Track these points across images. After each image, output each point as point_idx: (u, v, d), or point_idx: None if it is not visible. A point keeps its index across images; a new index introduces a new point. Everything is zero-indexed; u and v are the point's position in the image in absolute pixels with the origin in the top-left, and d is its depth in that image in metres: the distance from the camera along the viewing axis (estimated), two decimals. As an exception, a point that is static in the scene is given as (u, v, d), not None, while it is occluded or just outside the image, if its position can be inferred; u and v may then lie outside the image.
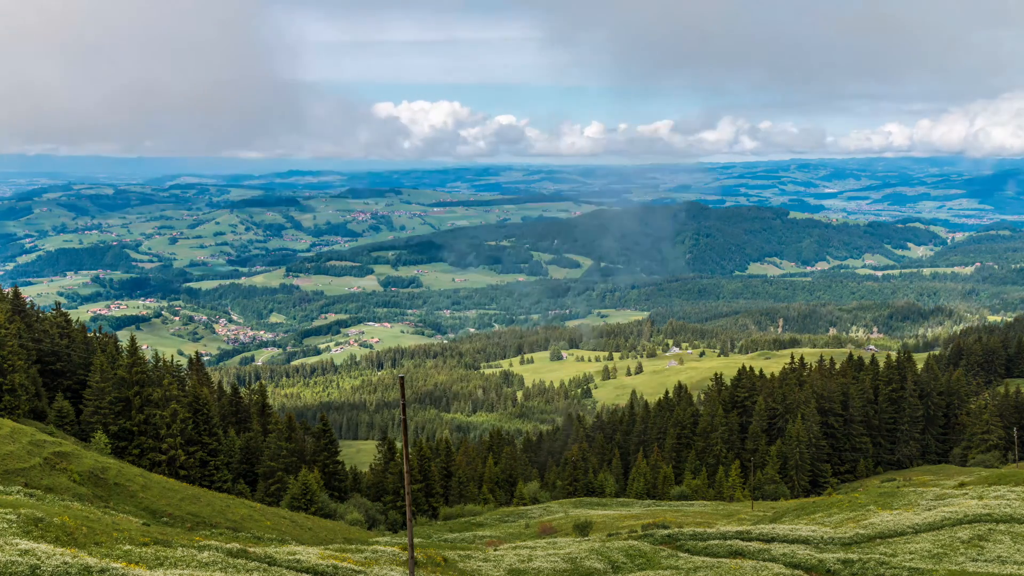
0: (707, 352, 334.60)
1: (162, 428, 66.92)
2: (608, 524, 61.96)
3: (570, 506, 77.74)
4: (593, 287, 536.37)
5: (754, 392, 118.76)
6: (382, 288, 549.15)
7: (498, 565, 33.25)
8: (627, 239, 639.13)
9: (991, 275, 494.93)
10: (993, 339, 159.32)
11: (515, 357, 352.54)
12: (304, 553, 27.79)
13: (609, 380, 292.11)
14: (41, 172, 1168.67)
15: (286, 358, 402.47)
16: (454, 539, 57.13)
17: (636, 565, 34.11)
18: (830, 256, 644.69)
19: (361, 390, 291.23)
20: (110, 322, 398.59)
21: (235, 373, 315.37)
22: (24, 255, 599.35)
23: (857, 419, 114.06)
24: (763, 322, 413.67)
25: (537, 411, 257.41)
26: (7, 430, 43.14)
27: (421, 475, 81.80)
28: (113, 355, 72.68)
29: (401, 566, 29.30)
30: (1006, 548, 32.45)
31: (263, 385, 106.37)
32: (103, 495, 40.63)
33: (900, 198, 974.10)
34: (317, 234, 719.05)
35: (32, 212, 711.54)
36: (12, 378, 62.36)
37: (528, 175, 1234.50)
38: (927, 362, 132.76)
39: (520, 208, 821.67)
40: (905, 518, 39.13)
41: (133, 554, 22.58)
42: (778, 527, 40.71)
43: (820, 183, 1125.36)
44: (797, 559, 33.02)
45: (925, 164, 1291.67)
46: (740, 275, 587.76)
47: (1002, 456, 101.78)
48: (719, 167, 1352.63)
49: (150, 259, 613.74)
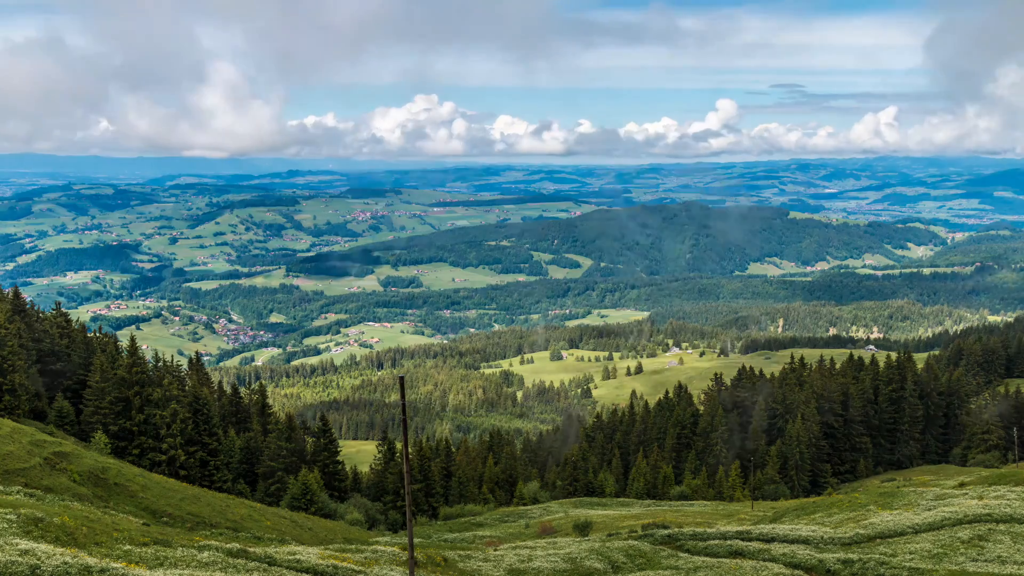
0: (707, 352, 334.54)
1: (162, 428, 66.92)
2: (608, 524, 61.95)
3: (570, 506, 77.70)
4: (593, 287, 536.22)
5: (754, 392, 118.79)
6: (382, 288, 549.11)
7: (498, 565, 33.24)
8: (627, 239, 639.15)
9: (991, 275, 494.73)
10: (993, 339, 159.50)
11: (515, 357, 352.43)
12: (304, 553, 27.78)
13: (609, 380, 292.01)
14: (41, 172, 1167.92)
15: (286, 358, 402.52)
16: (454, 539, 57.11)
17: (636, 565, 34.10)
18: (830, 256, 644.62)
19: (361, 390, 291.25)
20: (110, 322, 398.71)
21: (235, 373, 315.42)
22: (24, 255, 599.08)
23: (857, 419, 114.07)
24: (763, 322, 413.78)
25: (537, 411, 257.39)
26: (7, 430, 43.13)
27: (421, 475, 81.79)
28: (113, 355, 72.67)
29: (401, 566, 29.29)
30: (1006, 548, 32.44)
31: (263, 385, 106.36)
32: (103, 495, 40.62)
33: (900, 198, 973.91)
34: (317, 234, 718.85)
35: (32, 212, 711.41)
36: (12, 378, 62.37)
37: (528, 175, 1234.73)
38: (927, 362, 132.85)
39: (520, 208, 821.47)
40: (905, 518, 39.12)
41: (133, 554, 22.57)
42: (778, 527, 40.70)
43: (820, 183, 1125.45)
44: (797, 559, 33.02)
45: (925, 164, 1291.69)
46: (740, 275, 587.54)
47: (1002, 456, 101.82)
48: (719, 167, 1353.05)
49: (150, 259, 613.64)
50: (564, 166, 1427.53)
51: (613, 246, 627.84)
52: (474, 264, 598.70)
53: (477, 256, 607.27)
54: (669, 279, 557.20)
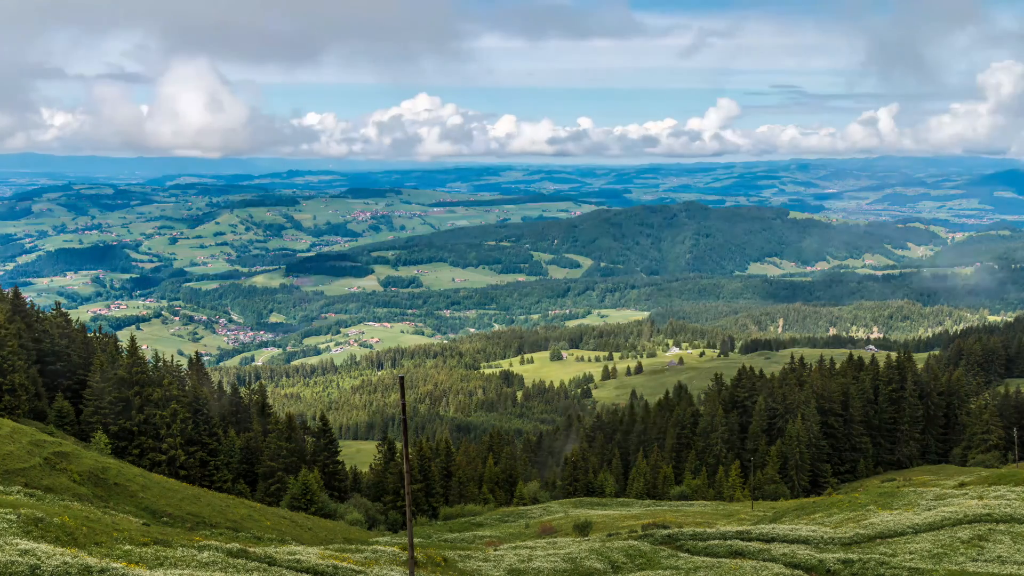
0: (707, 352, 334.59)
1: (162, 428, 66.94)
2: (608, 524, 61.94)
3: (570, 506, 77.69)
4: (593, 287, 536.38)
5: (754, 392, 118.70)
6: (382, 288, 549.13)
7: (498, 565, 33.24)
8: (627, 239, 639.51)
9: (991, 275, 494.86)
10: (993, 339, 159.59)
11: (515, 357, 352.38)
12: (304, 553, 27.78)
13: (609, 380, 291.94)
14: (41, 172, 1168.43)
15: (286, 358, 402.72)
16: (454, 539, 57.11)
17: (636, 565, 34.10)
18: (830, 256, 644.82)
19: (361, 390, 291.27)
20: (110, 322, 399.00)
21: (235, 373, 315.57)
22: (24, 255, 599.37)
23: (857, 419, 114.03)
24: (763, 322, 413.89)
25: (537, 411, 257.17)
26: (7, 430, 43.13)
27: (421, 475, 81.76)
28: (113, 355, 72.68)
29: (401, 566, 29.29)
30: (1006, 548, 32.43)
31: (263, 385, 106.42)
32: (103, 495, 40.62)
33: (900, 198, 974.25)
34: (317, 234, 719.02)
35: (32, 212, 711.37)
36: (12, 378, 62.39)
37: (528, 175, 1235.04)
38: (927, 362, 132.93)
39: (520, 208, 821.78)
40: (905, 518, 39.12)
41: (133, 554, 22.57)
42: (778, 527, 40.70)
43: (820, 183, 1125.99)
44: (797, 559, 33.01)
45: (925, 164, 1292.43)
46: (740, 275, 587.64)
47: (1002, 456, 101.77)
48: (719, 167, 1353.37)
49: (150, 259, 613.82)
50: (564, 166, 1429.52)
51: (613, 246, 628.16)
52: (474, 264, 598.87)
53: (477, 256, 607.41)
54: (669, 279, 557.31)
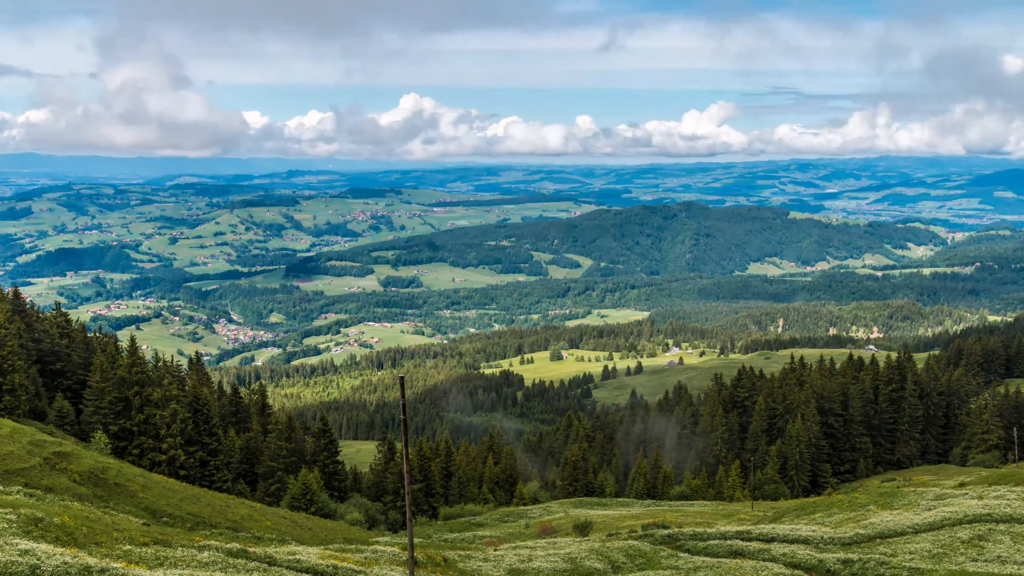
0: (707, 352, 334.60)
1: (162, 428, 66.90)
2: (608, 524, 61.92)
3: (570, 506, 77.66)
4: (593, 287, 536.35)
5: (754, 392, 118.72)
6: (382, 288, 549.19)
7: (498, 565, 33.23)
8: (627, 239, 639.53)
9: (991, 275, 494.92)
10: (993, 339, 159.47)
11: (515, 357, 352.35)
12: (304, 553, 27.77)
13: (609, 380, 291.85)
14: (41, 172, 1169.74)
15: (286, 358, 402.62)
16: (454, 539, 57.09)
17: (636, 565, 34.09)
18: (830, 256, 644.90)
19: (361, 390, 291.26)
20: (110, 322, 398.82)
21: (235, 373, 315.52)
22: (24, 255, 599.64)
23: (857, 419, 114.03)
24: (763, 322, 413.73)
25: (537, 411, 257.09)
26: (7, 430, 43.12)
27: (421, 475, 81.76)
28: (113, 355, 72.61)
29: (401, 566, 29.28)
30: (1006, 548, 32.43)
31: (263, 385, 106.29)
32: (103, 495, 40.61)
33: (900, 198, 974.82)
34: (317, 234, 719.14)
35: (32, 212, 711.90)
36: (12, 378, 62.36)
37: (528, 175, 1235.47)
38: (927, 362, 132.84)
39: (520, 208, 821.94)
40: (905, 518, 39.12)
41: (133, 554, 22.57)
42: (778, 527, 40.69)
43: (820, 183, 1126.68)
44: (797, 559, 33.01)
45: (925, 164, 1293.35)
46: (740, 275, 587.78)
47: (1002, 456, 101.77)
48: (719, 167, 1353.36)
49: (150, 259, 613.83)
50: (564, 166, 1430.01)
51: (613, 246, 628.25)
52: (474, 264, 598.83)
53: (477, 256, 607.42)
54: (669, 279, 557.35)
